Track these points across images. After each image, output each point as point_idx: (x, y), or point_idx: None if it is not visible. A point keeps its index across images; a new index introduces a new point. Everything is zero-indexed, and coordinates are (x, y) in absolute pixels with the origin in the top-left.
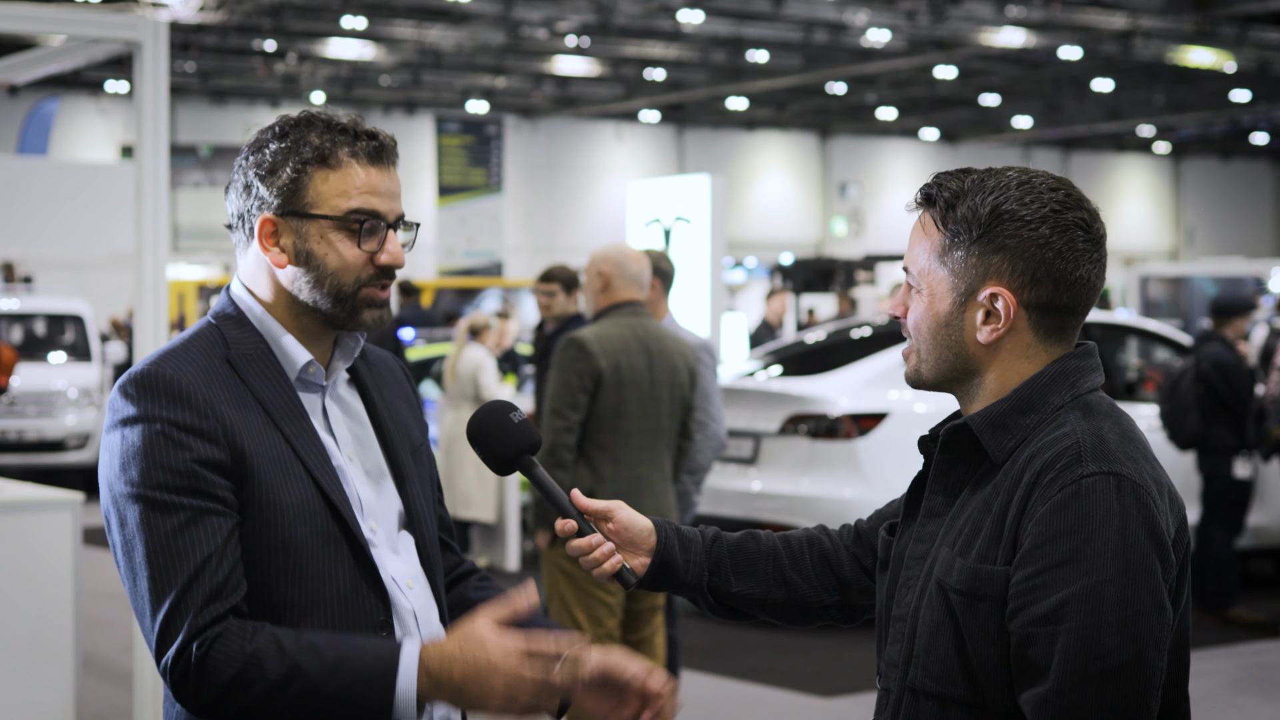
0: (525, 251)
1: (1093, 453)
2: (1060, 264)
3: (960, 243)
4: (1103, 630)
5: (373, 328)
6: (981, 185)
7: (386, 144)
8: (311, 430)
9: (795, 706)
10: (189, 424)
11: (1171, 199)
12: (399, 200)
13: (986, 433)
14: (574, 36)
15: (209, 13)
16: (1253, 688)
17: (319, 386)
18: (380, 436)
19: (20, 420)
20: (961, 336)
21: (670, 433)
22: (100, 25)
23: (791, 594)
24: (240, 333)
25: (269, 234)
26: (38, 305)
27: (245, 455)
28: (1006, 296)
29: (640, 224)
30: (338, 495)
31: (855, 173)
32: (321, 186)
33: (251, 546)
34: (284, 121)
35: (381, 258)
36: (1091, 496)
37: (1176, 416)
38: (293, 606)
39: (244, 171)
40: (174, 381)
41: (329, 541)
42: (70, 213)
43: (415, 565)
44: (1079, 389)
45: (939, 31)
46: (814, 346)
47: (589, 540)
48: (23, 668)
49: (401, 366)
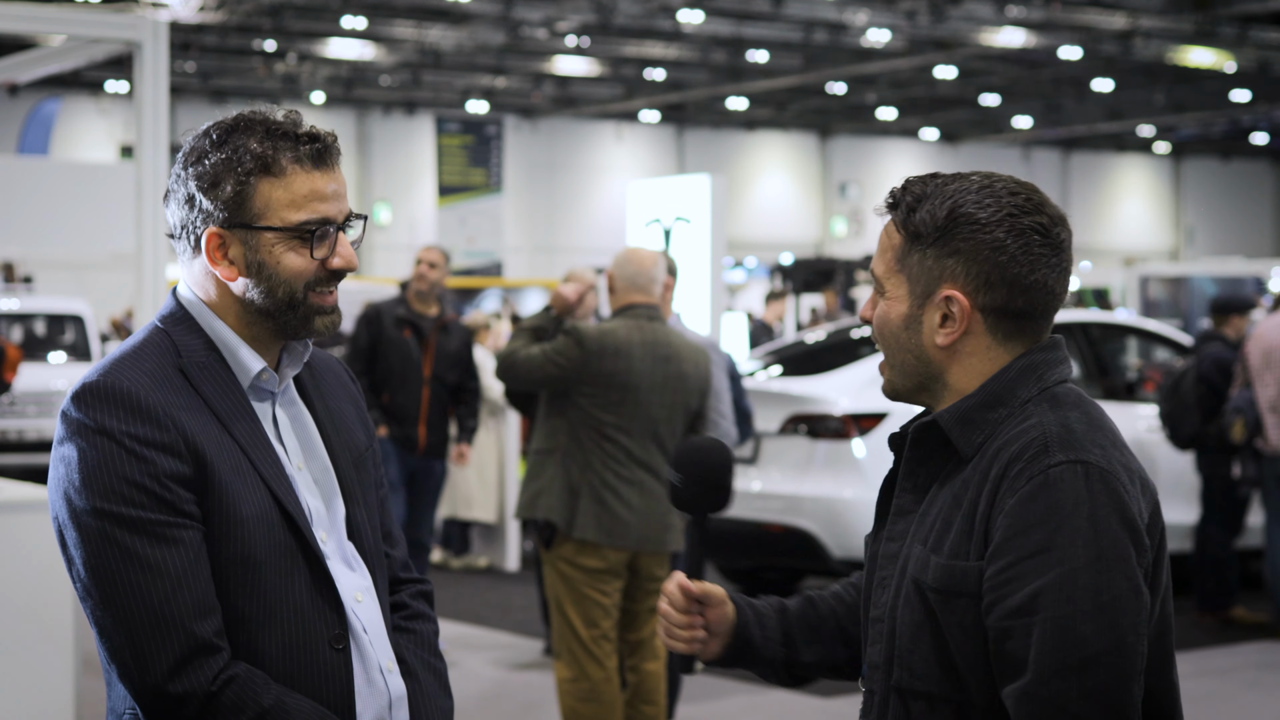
0: (525, 251)
1: (1059, 442)
2: (1015, 268)
3: (918, 246)
4: (1079, 618)
5: (324, 334)
6: (942, 189)
7: (329, 143)
8: (266, 440)
9: (795, 706)
10: (149, 437)
11: (1171, 199)
12: (345, 198)
13: (955, 428)
14: (574, 36)
15: (209, 13)
16: (1252, 688)
17: (269, 394)
18: (326, 445)
19: (20, 420)
20: (920, 340)
21: (670, 437)
22: (100, 25)
23: (854, 652)
24: (191, 339)
25: (216, 248)
26: (38, 305)
27: (206, 466)
28: (960, 300)
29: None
30: (294, 507)
31: (855, 173)
32: (267, 197)
33: (211, 559)
34: (220, 127)
35: (334, 262)
36: (1060, 485)
37: (1177, 416)
38: (249, 620)
39: (184, 182)
40: (131, 393)
41: (286, 554)
42: (70, 213)
43: (366, 577)
44: (1046, 381)
45: (939, 31)
46: (814, 346)
47: (690, 619)
48: (23, 668)
49: (345, 369)
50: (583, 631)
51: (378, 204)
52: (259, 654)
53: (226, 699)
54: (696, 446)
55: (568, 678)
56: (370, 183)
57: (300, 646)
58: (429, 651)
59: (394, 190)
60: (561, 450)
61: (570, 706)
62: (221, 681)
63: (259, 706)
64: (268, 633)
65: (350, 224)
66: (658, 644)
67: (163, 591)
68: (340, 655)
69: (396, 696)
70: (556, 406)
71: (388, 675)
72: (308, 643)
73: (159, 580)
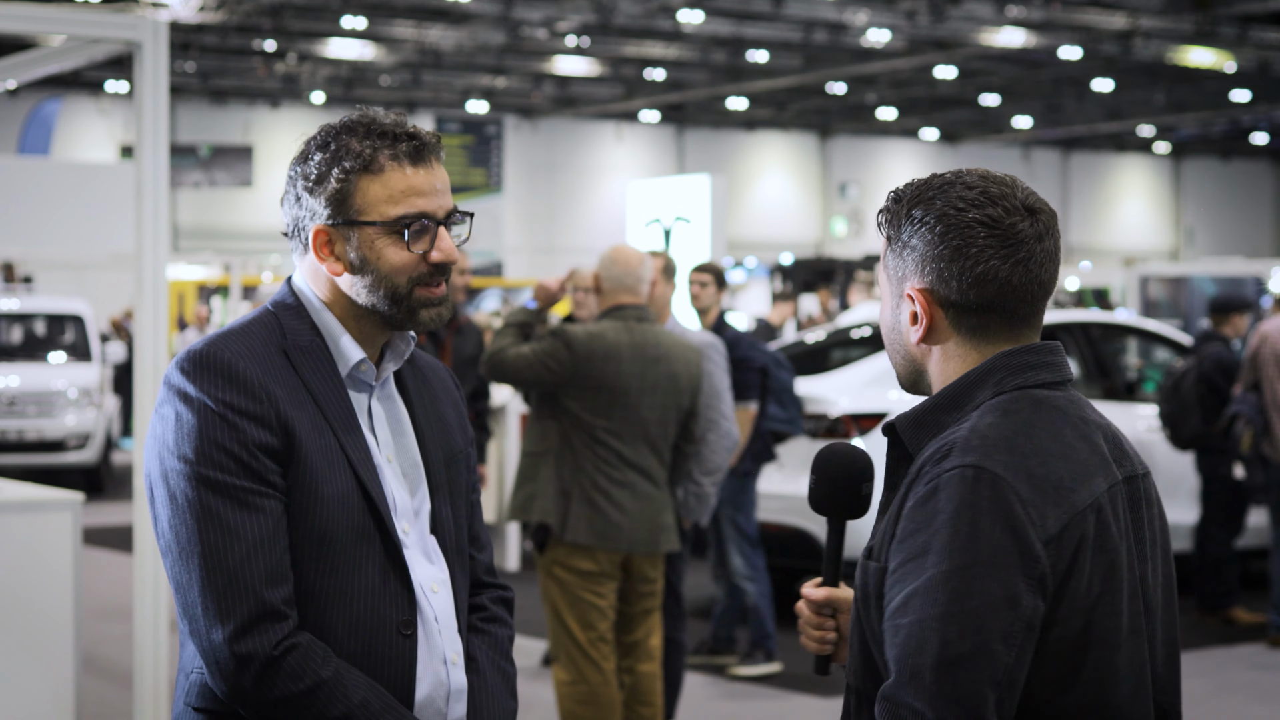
0: (525, 251)
1: (962, 447)
2: (960, 260)
3: (890, 246)
4: (944, 620)
5: (431, 326)
6: (915, 189)
7: (428, 142)
8: (358, 427)
9: (795, 706)
10: (244, 407)
11: (1171, 199)
12: (447, 195)
13: (908, 430)
14: (574, 36)
15: (209, 13)
16: (1252, 688)
17: (368, 385)
18: (419, 442)
19: (20, 420)
20: (903, 339)
21: (663, 439)
22: (100, 25)
23: None
24: (297, 324)
25: (323, 244)
26: (38, 305)
27: (295, 441)
28: (918, 295)
29: (640, 224)
30: (377, 493)
31: (855, 173)
32: (367, 193)
33: (288, 531)
34: (326, 129)
35: (434, 256)
36: (947, 490)
37: (1178, 417)
38: (320, 594)
39: (294, 183)
40: (231, 364)
41: (363, 537)
42: (70, 213)
43: (443, 570)
44: (1003, 385)
45: (939, 31)
46: (814, 346)
47: (822, 621)
48: (23, 668)
49: (450, 374)
50: (579, 634)
51: None
52: (327, 630)
53: (287, 665)
54: (835, 451)
55: (565, 680)
56: None
57: (368, 627)
58: (501, 654)
59: None
60: (554, 452)
61: (569, 709)
62: (285, 648)
63: (317, 677)
64: (337, 610)
65: (454, 219)
66: (652, 645)
67: (239, 554)
68: (407, 641)
69: (456, 689)
70: (547, 408)
71: (450, 668)
72: (376, 624)
73: (236, 543)
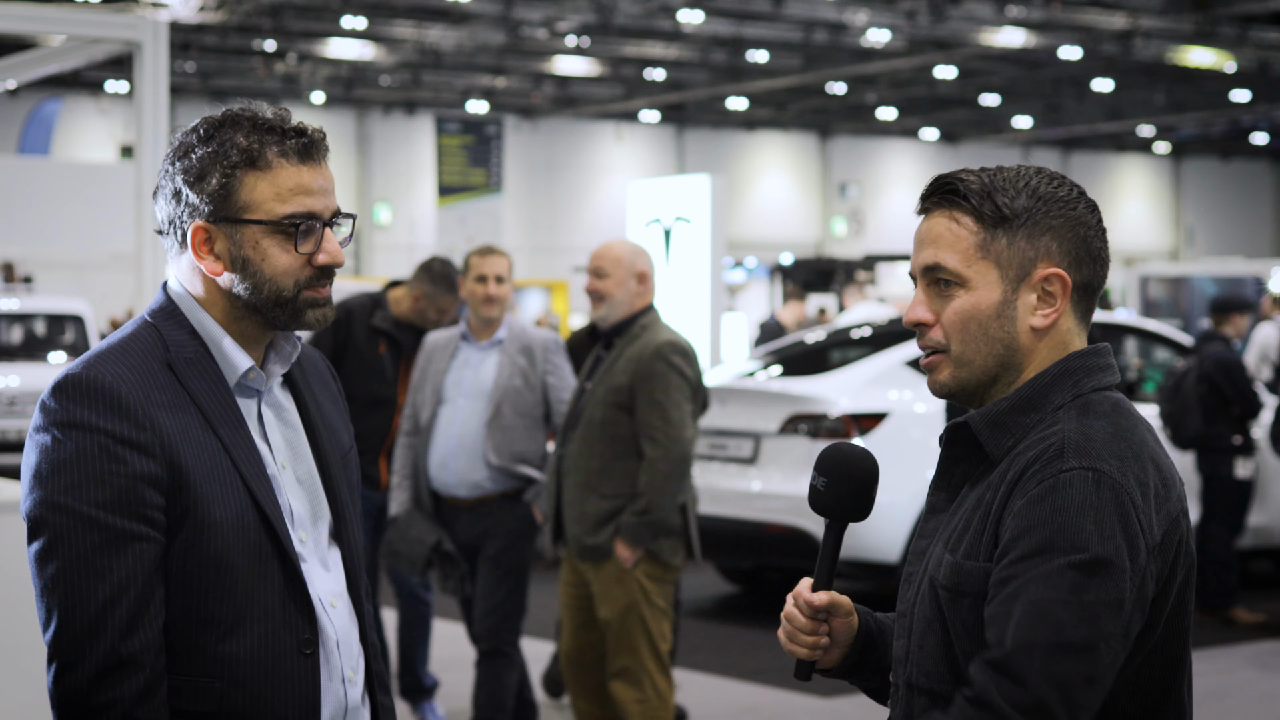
0: (525, 251)
1: (1075, 449)
2: (1096, 241)
3: (1004, 231)
4: (1061, 605)
5: (315, 327)
6: (1004, 175)
7: (316, 139)
8: (249, 439)
9: (795, 706)
10: (126, 436)
11: (1171, 199)
12: (333, 195)
13: (985, 431)
14: (574, 36)
15: (209, 13)
16: (1252, 688)
17: (256, 391)
18: (313, 443)
19: (20, 420)
20: (1014, 326)
21: None
22: (100, 25)
23: None
24: (179, 334)
25: (202, 242)
26: (38, 305)
27: (182, 469)
28: (1063, 276)
29: (640, 224)
30: (272, 509)
31: (855, 173)
32: (253, 190)
33: (182, 562)
34: (208, 122)
35: (320, 258)
36: (1069, 490)
37: (1178, 416)
38: (219, 623)
39: (171, 177)
40: (111, 389)
41: (260, 557)
42: (70, 213)
43: (341, 581)
44: (1081, 388)
45: (939, 31)
46: (814, 346)
47: (816, 626)
48: (22, 668)
49: (329, 367)
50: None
51: (378, 204)
52: (227, 657)
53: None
54: (846, 453)
55: (639, 698)
56: (370, 183)
57: (269, 650)
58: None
59: (394, 190)
60: None
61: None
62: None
63: None
64: (237, 636)
65: (338, 221)
66: None
67: (101, 598)
68: (309, 660)
69: (354, 708)
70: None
71: (348, 685)
72: (276, 647)
73: (100, 585)
